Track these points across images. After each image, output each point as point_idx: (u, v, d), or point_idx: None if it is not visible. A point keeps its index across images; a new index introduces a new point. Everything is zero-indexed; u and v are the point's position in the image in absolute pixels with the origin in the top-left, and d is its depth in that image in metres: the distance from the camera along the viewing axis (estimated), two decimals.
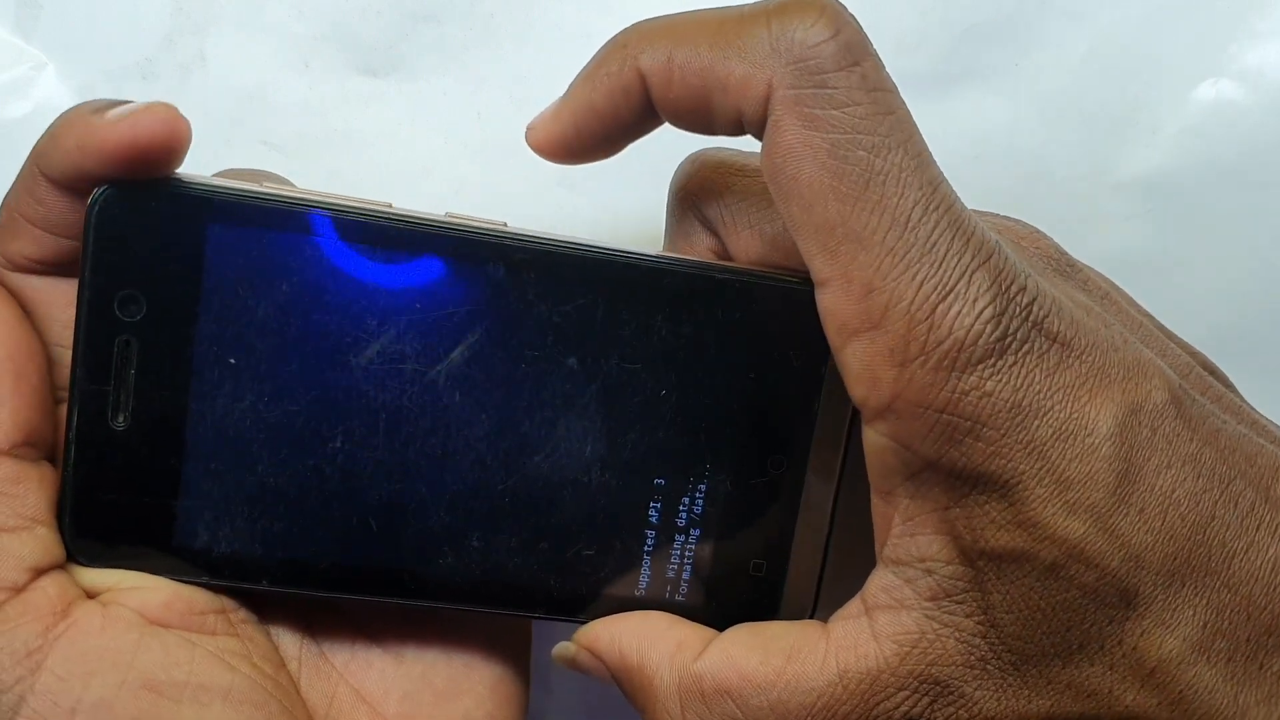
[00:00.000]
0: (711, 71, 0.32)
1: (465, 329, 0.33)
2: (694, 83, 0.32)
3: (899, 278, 0.30)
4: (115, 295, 0.32)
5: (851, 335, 0.31)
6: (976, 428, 0.31)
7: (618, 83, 0.33)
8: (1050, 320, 0.31)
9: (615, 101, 0.34)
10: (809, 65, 0.31)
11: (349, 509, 0.34)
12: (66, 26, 0.43)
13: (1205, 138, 0.44)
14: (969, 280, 0.30)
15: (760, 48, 0.31)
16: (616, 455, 0.35)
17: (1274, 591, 0.31)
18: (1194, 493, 0.31)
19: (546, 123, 0.35)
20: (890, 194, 0.30)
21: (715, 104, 0.32)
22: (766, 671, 0.34)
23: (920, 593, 0.33)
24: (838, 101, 0.31)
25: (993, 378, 0.30)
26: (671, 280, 0.34)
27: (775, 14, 0.31)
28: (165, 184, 0.32)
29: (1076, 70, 0.44)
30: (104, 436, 0.33)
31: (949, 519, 0.32)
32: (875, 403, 0.31)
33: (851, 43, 0.31)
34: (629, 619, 0.36)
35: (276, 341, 0.33)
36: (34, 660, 0.31)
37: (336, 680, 0.36)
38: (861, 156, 0.30)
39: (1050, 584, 0.31)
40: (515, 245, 0.33)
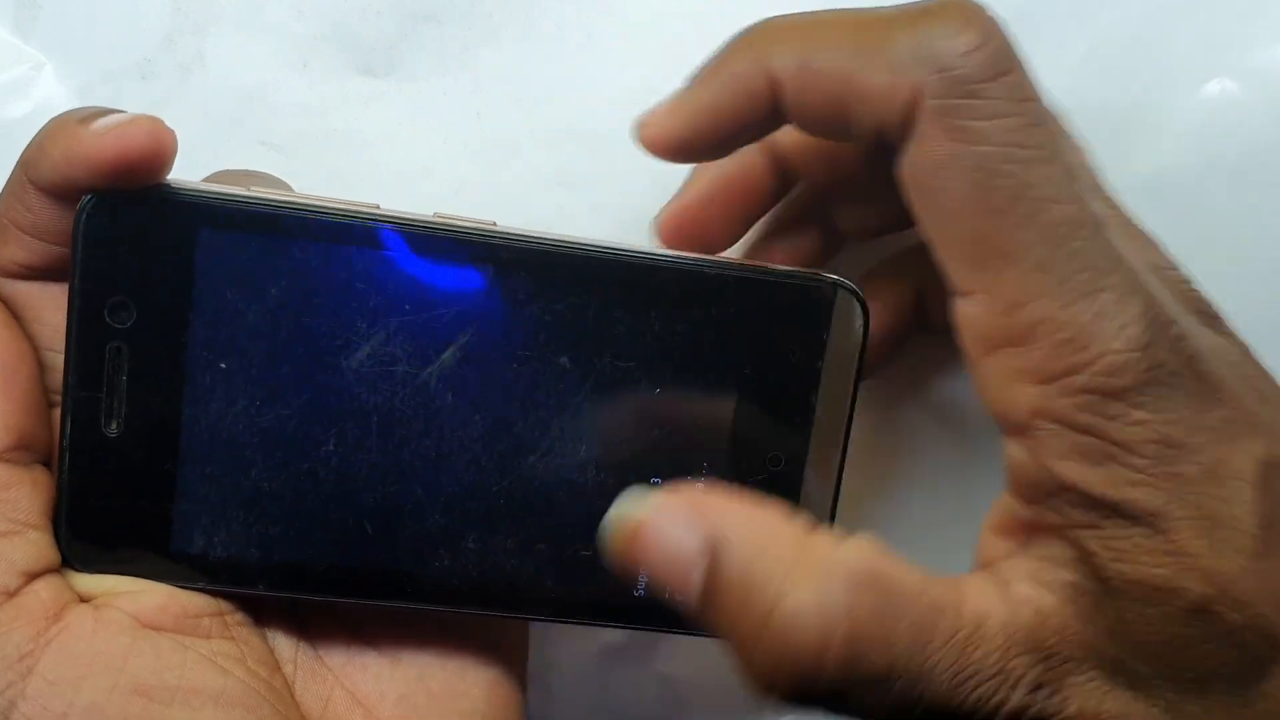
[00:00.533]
0: (851, 79, 0.31)
1: (456, 329, 0.33)
2: (831, 90, 0.31)
3: (1046, 294, 0.30)
4: (105, 302, 0.32)
5: (992, 349, 0.31)
6: (1122, 454, 0.30)
7: (744, 84, 0.32)
8: (1198, 360, 0.30)
9: (739, 103, 0.33)
10: (957, 75, 0.30)
11: (344, 512, 0.34)
12: (65, 27, 0.43)
13: (1209, 138, 0.44)
14: (1121, 305, 0.30)
15: (904, 55, 0.30)
16: (612, 454, 0.35)
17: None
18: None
19: (661, 119, 0.34)
20: (1041, 210, 0.30)
21: (853, 113, 0.31)
22: (916, 583, 0.31)
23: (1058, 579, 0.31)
24: (987, 113, 0.30)
25: (1142, 407, 0.29)
26: (665, 276, 0.34)
27: (920, 19, 0.30)
28: (153, 190, 0.32)
29: (1078, 70, 0.44)
30: (97, 443, 0.33)
31: (1085, 539, 0.31)
32: (1014, 419, 0.31)
33: (1000, 50, 0.30)
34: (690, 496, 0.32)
35: (267, 345, 0.33)
36: (25, 665, 0.31)
37: (332, 683, 0.36)
38: (1012, 170, 0.29)
39: (1195, 621, 0.30)
40: (504, 244, 0.33)
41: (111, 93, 0.43)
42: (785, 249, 0.41)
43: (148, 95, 0.43)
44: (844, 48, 0.31)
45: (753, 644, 0.30)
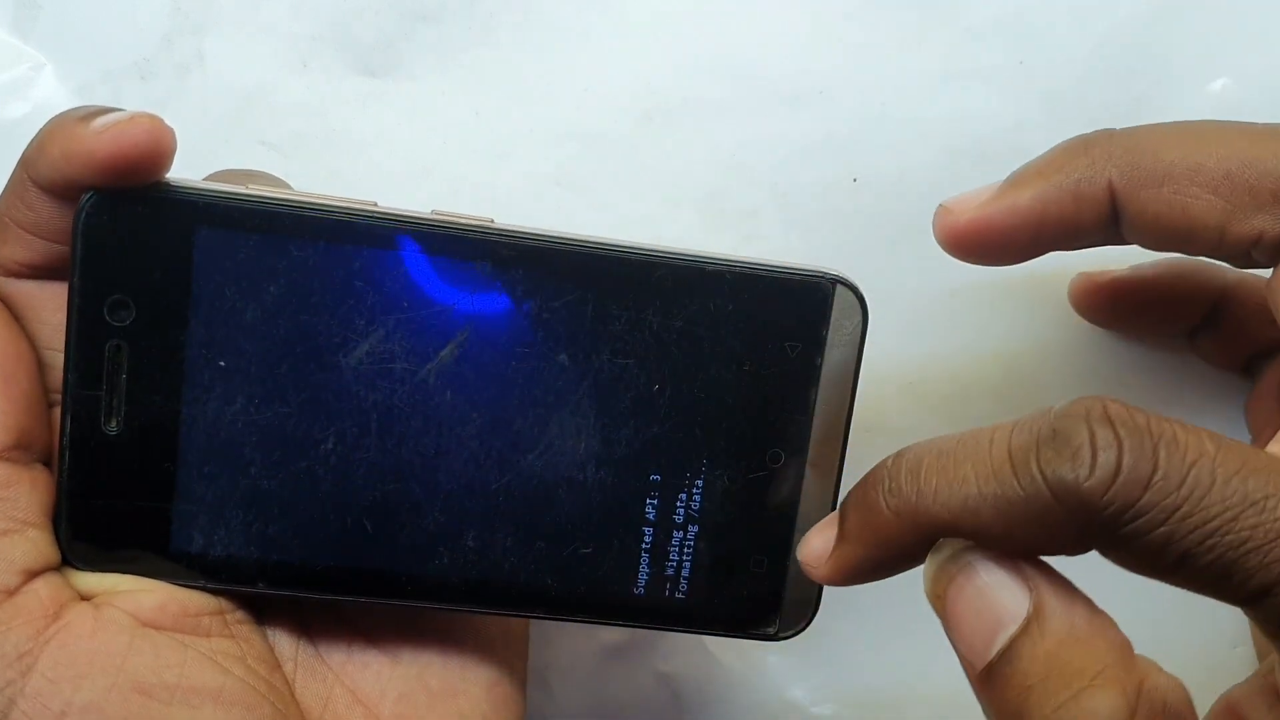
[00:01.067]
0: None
1: (454, 327, 0.33)
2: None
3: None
4: (105, 300, 0.32)
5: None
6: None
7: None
8: None
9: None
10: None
11: (343, 510, 0.34)
12: (65, 27, 0.43)
13: None
14: None
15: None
16: (611, 451, 0.35)
17: None
18: None
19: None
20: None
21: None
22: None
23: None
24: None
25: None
26: (663, 272, 0.34)
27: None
28: (153, 189, 0.32)
29: (1081, 69, 0.44)
30: (97, 441, 0.33)
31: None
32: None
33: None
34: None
35: (266, 343, 0.33)
36: (24, 663, 0.31)
37: (332, 681, 0.36)
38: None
39: None
40: (502, 241, 0.33)
41: (111, 93, 0.43)
42: None
43: (147, 95, 0.43)
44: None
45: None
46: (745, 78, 0.44)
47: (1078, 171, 0.33)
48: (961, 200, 0.34)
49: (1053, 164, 0.33)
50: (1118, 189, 0.32)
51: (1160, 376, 0.45)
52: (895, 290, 0.44)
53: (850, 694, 0.47)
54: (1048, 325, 0.45)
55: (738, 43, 0.44)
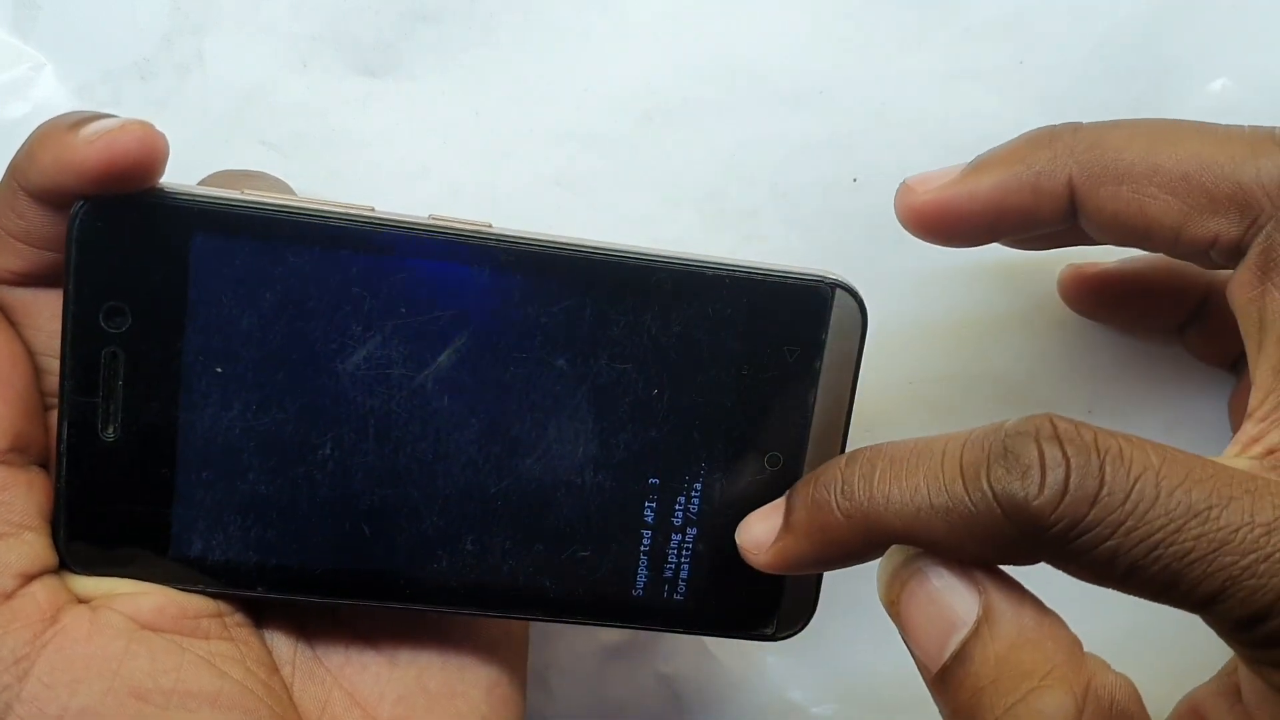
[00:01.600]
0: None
1: (452, 332, 0.33)
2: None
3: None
4: (100, 307, 0.32)
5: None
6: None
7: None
8: None
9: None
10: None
11: (342, 515, 0.34)
12: (64, 27, 0.43)
13: None
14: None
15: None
16: (609, 455, 0.35)
17: None
18: None
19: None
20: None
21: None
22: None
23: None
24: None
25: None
26: (661, 277, 0.34)
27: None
28: (147, 195, 0.32)
29: (1080, 69, 0.44)
30: (94, 448, 0.33)
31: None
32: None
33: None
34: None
35: (263, 349, 0.33)
36: (21, 667, 0.31)
37: (331, 684, 0.36)
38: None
39: None
40: (500, 246, 0.33)
41: (110, 93, 0.43)
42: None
43: (147, 95, 0.43)
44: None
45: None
46: (745, 78, 0.44)
47: (1039, 164, 0.33)
48: (924, 179, 0.34)
49: (1015, 154, 0.33)
50: (1077, 185, 0.32)
51: (1152, 372, 0.45)
52: (895, 290, 0.44)
53: (850, 694, 0.47)
54: (1049, 325, 0.45)
55: (738, 43, 0.44)
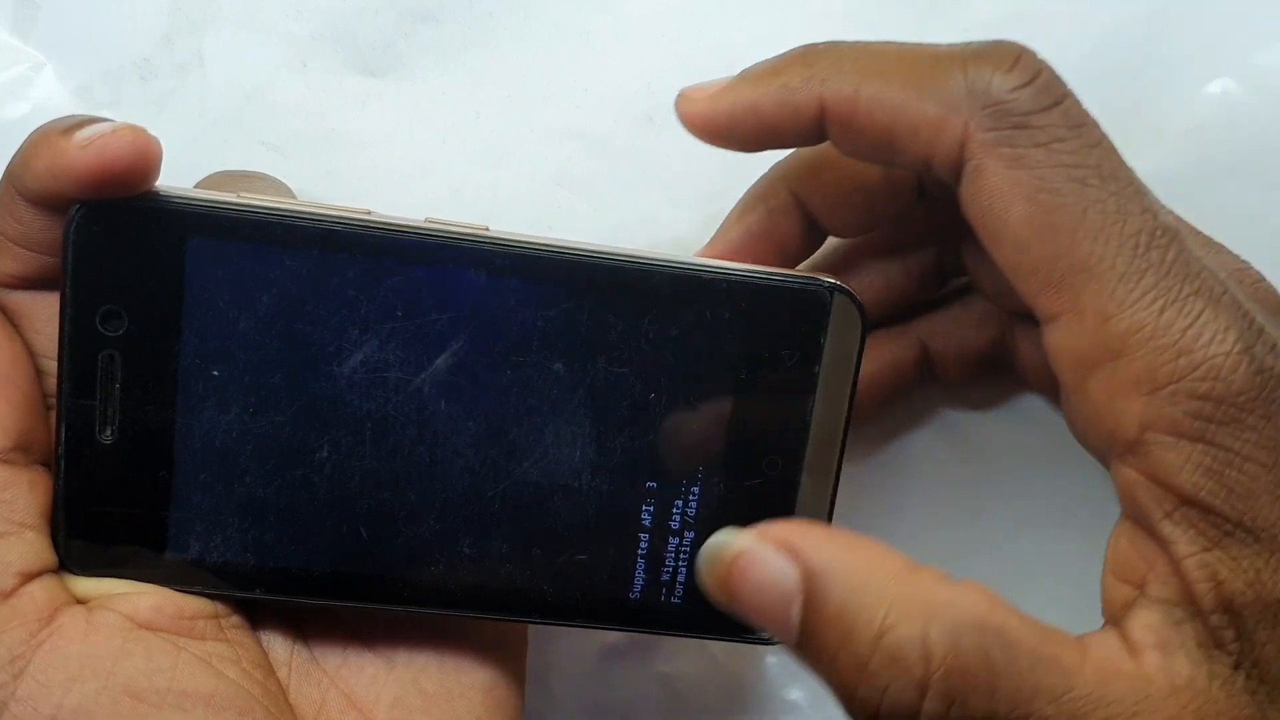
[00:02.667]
0: (902, 112, 0.31)
1: (449, 335, 0.33)
2: (882, 121, 0.32)
3: (1137, 302, 0.29)
4: (97, 311, 0.32)
5: (1091, 368, 0.30)
6: (1239, 462, 0.29)
7: (792, 98, 0.33)
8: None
9: (784, 115, 0.33)
10: (1008, 108, 0.30)
11: (339, 518, 0.34)
12: (64, 27, 0.43)
13: (1210, 138, 0.44)
14: (1214, 309, 0.29)
15: (956, 91, 0.31)
16: (607, 459, 0.35)
17: None
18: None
19: (705, 100, 0.34)
20: (1112, 220, 0.30)
21: (902, 144, 0.32)
22: (1029, 636, 0.30)
23: (1186, 636, 0.30)
24: (1041, 139, 0.30)
25: (1255, 413, 0.29)
26: (658, 280, 0.34)
27: (971, 59, 0.31)
28: (143, 199, 0.32)
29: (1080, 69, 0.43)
30: (92, 450, 0.33)
31: (1210, 562, 0.30)
32: (1124, 435, 0.30)
33: (1049, 84, 0.30)
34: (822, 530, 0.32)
35: (260, 352, 0.33)
36: (16, 666, 0.31)
37: (327, 685, 0.36)
38: (1074, 189, 0.30)
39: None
40: (497, 250, 0.33)
41: (110, 93, 0.43)
42: None
43: (146, 95, 0.43)
44: (897, 81, 0.32)
45: (853, 681, 0.30)
46: None
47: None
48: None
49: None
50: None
51: None
52: None
53: None
54: None
55: (737, 43, 0.44)
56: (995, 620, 0.30)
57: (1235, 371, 0.29)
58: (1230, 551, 0.30)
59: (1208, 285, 0.30)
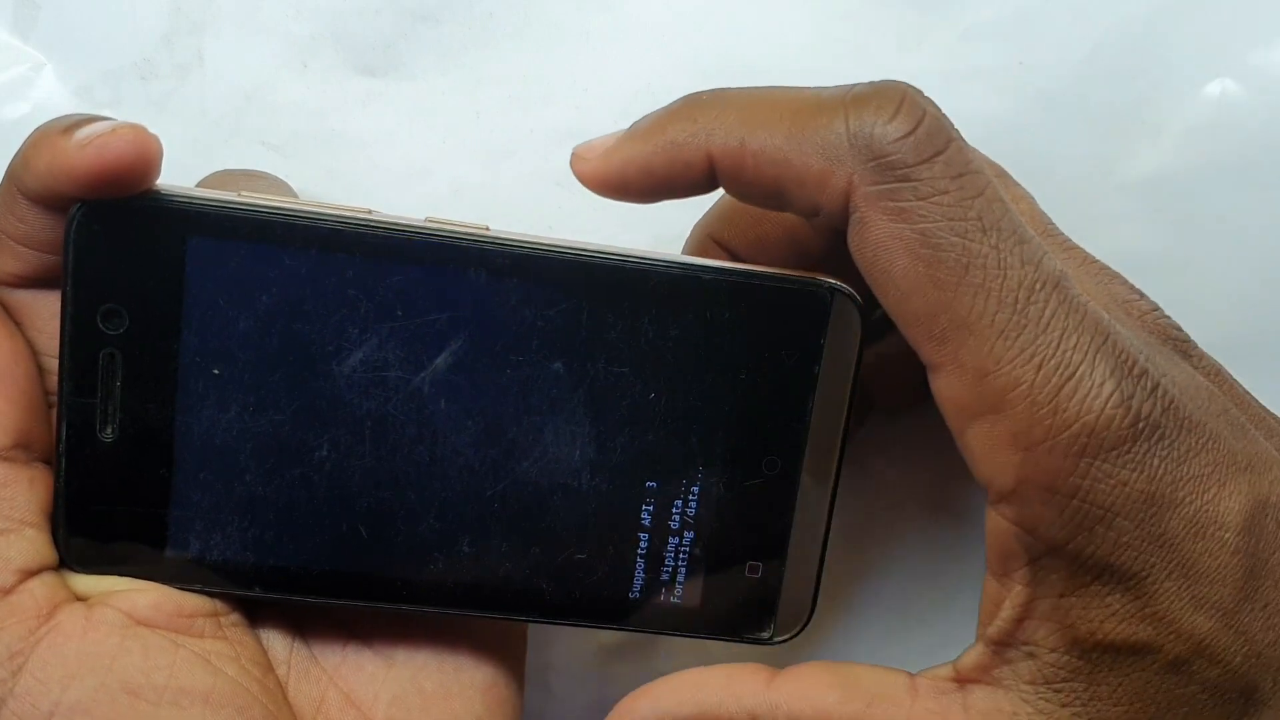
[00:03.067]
0: (788, 165, 0.31)
1: (449, 335, 0.33)
2: (769, 172, 0.32)
3: (1014, 359, 0.30)
4: (98, 309, 0.32)
5: (970, 419, 0.31)
6: (1109, 517, 0.30)
7: (681, 154, 0.33)
8: (1178, 405, 0.30)
9: (674, 171, 0.33)
10: (890, 161, 0.30)
11: (338, 516, 0.34)
12: (64, 27, 0.43)
13: (1211, 138, 0.44)
14: (1091, 362, 0.30)
15: (838, 143, 0.30)
16: (607, 458, 0.35)
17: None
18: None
19: (597, 159, 0.34)
20: (991, 276, 0.30)
21: (790, 194, 0.32)
22: (845, 713, 0.33)
23: (1020, 675, 0.32)
24: (924, 192, 0.30)
25: (1126, 466, 0.30)
26: (659, 280, 0.34)
27: (853, 106, 0.31)
28: (143, 198, 0.32)
29: (1080, 69, 0.44)
30: (93, 448, 0.33)
31: (1063, 606, 0.31)
32: (999, 485, 0.31)
33: (932, 132, 0.30)
34: (658, 683, 0.36)
35: (260, 351, 0.33)
36: (15, 662, 0.31)
37: (326, 684, 0.36)
38: (956, 242, 0.30)
39: (1170, 679, 0.31)
40: (497, 249, 0.33)
41: (110, 93, 0.43)
42: None
43: (146, 95, 0.43)
44: (781, 131, 0.31)
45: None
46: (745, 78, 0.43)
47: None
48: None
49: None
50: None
51: None
52: None
53: None
54: None
55: (738, 43, 0.44)
56: (815, 707, 0.33)
57: (1109, 426, 0.30)
58: (1087, 598, 0.31)
59: (1089, 333, 0.30)
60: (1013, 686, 0.32)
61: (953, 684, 0.33)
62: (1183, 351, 0.34)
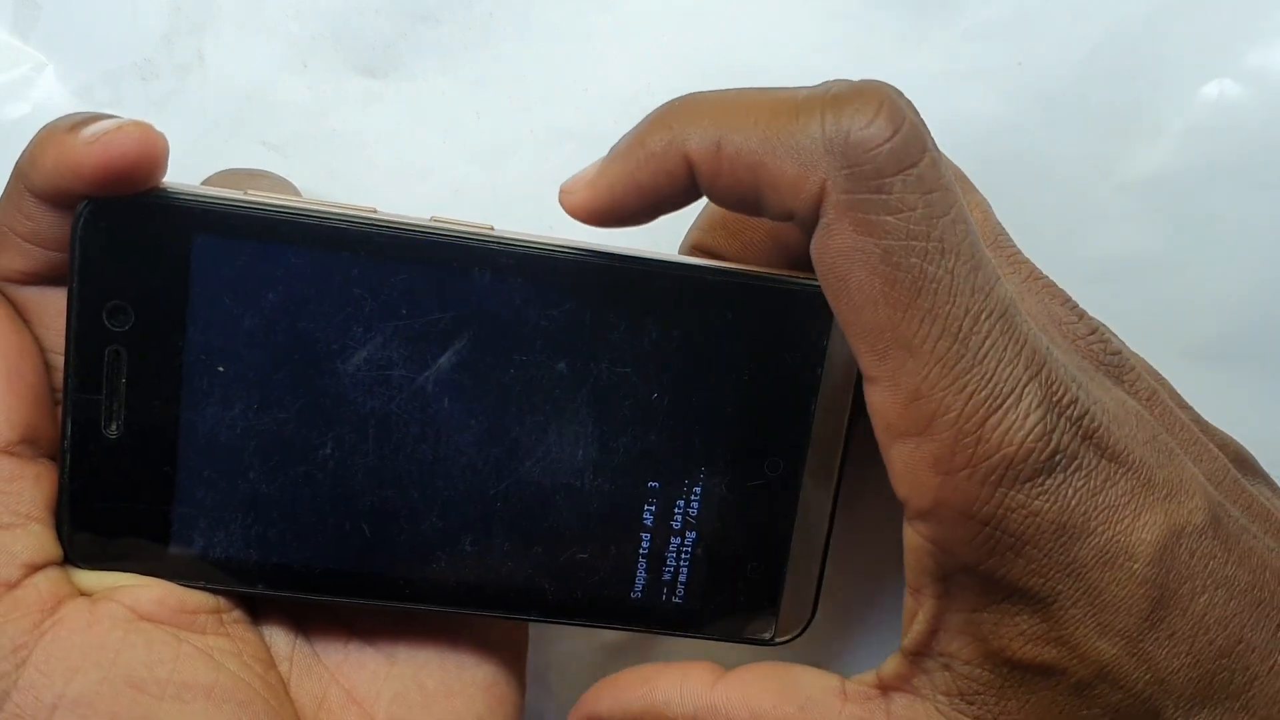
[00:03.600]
0: (763, 167, 0.31)
1: (454, 334, 0.33)
2: (744, 176, 0.31)
3: (947, 388, 0.30)
4: (103, 306, 0.32)
5: (896, 437, 0.31)
6: (1019, 545, 0.31)
7: (662, 164, 0.33)
8: (1101, 434, 0.31)
9: (659, 183, 0.33)
10: (865, 170, 0.30)
11: (342, 514, 0.34)
12: (65, 27, 0.43)
13: (1209, 138, 0.44)
14: (1020, 394, 0.30)
15: (813, 147, 0.30)
16: (609, 458, 0.35)
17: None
18: (1224, 617, 0.31)
19: (583, 189, 0.34)
20: (941, 302, 0.30)
21: (765, 198, 0.32)
22: (777, 715, 0.34)
23: (936, 686, 0.33)
24: (893, 207, 0.30)
25: (1040, 497, 0.30)
26: (662, 281, 0.34)
27: (831, 107, 0.30)
28: (150, 195, 0.32)
29: (1080, 70, 0.44)
30: (98, 444, 0.33)
31: (976, 621, 0.32)
32: (917, 504, 0.31)
33: (909, 140, 0.30)
34: (615, 677, 0.37)
35: (265, 349, 0.33)
36: (19, 655, 0.31)
37: (328, 681, 0.36)
38: (914, 264, 0.30)
39: (1074, 701, 0.32)
40: (502, 249, 0.33)
41: (111, 93, 0.43)
42: None
43: (147, 96, 0.43)
44: (757, 133, 0.31)
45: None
46: (745, 78, 0.44)
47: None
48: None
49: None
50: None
51: None
52: None
53: None
54: None
55: (738, 43, 0.44)
56: (750, 710, 0.35)
57: (1028, 458, 0.30)
58: (997, 615, 0.32)
59: (1024, 364, 0.30)
60: (929, 697, 0.33)
61: (877, 690, 0.34)
62: (1115, 376, 0.34)
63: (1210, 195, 0.44)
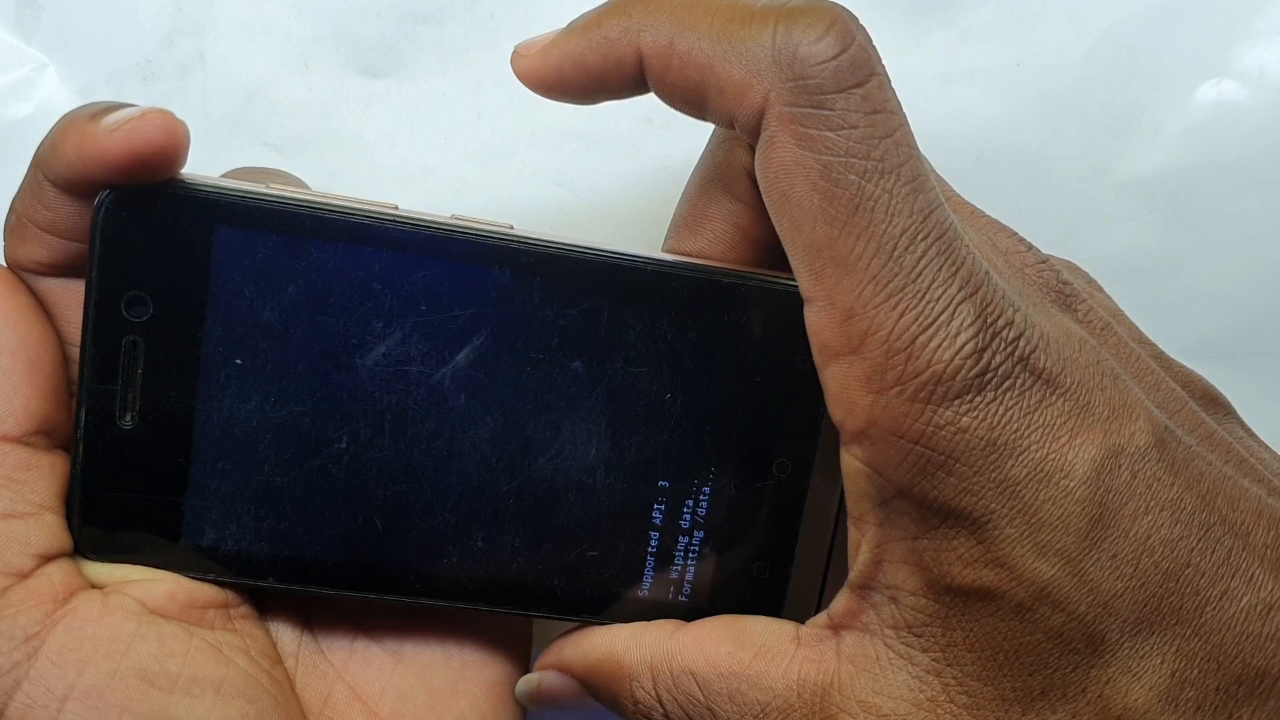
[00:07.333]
0: (710, 69, 0.31)
1: (471, 331, 0.33)
2: (692, 76, 0.32)
3: (880, 306, 0.30)
4: (122, 296, 0.32)
5: (831, 357, 0.31)
6: (949, 462, 0.30)
7: (613, 50, 0.33)
8: (1036, 355, 0.31)
9: (607, 67, 0.33)
10: (809, 84, 0.30)
11: (354, 509, 0.34)
12: (67, 28, 0.43)
13: (1207, 138, 0.44)
14: (953, 312, 0.30)
15: (762, 56, 0.30)
16: (621, 457, 0.35)
17: (1245, 640, 0.31)
18: (1170, 539, 0.31)
19: (535, 57, 0.34)
20: (878, 220, 0.30)
21: (710, 101, 0.32)
22: (731, 663, 0.34)
23: (884, 620, 0.32)
24: (834, 124, 0.30)
25: (969, 413, 0.30)
26: (677, 283, 0.34)
27: (783, 20, 0.30)
28: (171, 186, 0.32)
29: (1078, 70, 0.44)
30: (112, 435, 0.33)
31: (917, 549, 0.32)
32: (851, 426, 0.31)
33: (856, 60, 0.30)
34: (581, 629, 0.37)
35: (283, 342, 0.33)
36: (31, 645, 0.31)
37: (333, 678, 0.36)
38: (853, 180, 0.30)
39: (1016, 625, 0.31)
40: (522, 248, 0.33)
41: (112, 94, 0.43)
42: None
43: (149, 96, 0.43)
44: (709, 35, 0.31)
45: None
46: None
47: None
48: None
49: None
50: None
51: None
52: None
53: None
54: None
55: None
56: (705, 657, 0.35)
57: (956, 375, 0.30)
58: (935, 541, 0.31)
59: (959, 284, 0.30)
60: (878, 632, 0.33)
61: (829, 630, 0.34)
62: (1065, 305, 0.34)
63: (1208, 195, 0.45)
